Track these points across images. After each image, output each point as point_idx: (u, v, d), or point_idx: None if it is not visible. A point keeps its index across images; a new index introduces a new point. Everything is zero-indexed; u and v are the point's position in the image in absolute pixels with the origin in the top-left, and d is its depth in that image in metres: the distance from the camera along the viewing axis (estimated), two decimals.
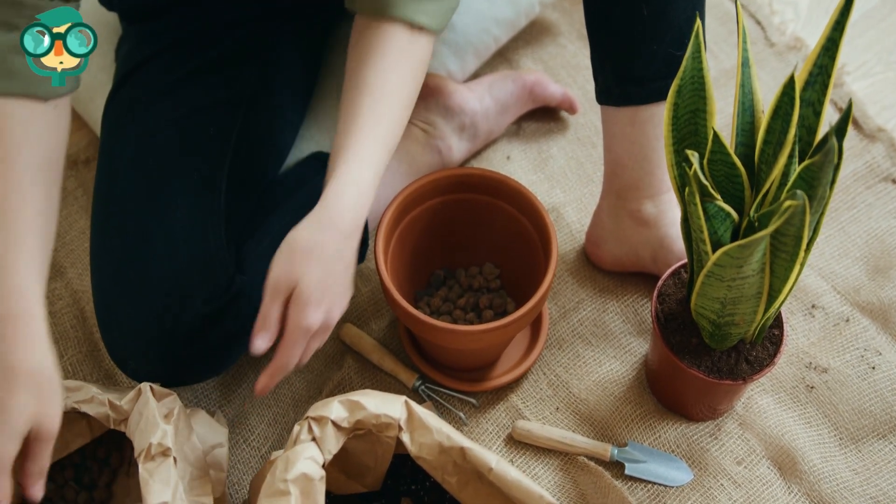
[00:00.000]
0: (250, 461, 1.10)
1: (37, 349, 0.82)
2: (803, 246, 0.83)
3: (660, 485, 1.06)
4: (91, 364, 1.17)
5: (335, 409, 0.85)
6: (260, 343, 0.86)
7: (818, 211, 0.85)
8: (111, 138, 1.07)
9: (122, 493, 1.08)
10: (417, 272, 1.15)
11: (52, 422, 0.83)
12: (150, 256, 0.98)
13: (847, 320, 1.16)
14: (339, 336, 1.17)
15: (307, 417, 0.85)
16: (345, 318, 1.18)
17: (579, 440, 1.08)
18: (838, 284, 1.20)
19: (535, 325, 1.15)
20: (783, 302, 0.92)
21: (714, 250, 0.87)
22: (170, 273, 0.97)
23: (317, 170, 1.15)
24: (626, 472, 1.06)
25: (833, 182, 0.84)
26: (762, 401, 1.10)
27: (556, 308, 1.19)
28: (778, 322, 1.01)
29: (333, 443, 0.86)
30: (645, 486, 1.06)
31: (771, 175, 0.85)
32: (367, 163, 0.90)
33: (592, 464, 1.06)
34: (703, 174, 0.86)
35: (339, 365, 1.15)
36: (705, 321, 0.96)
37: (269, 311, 0.86)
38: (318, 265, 0.86)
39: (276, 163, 1.14)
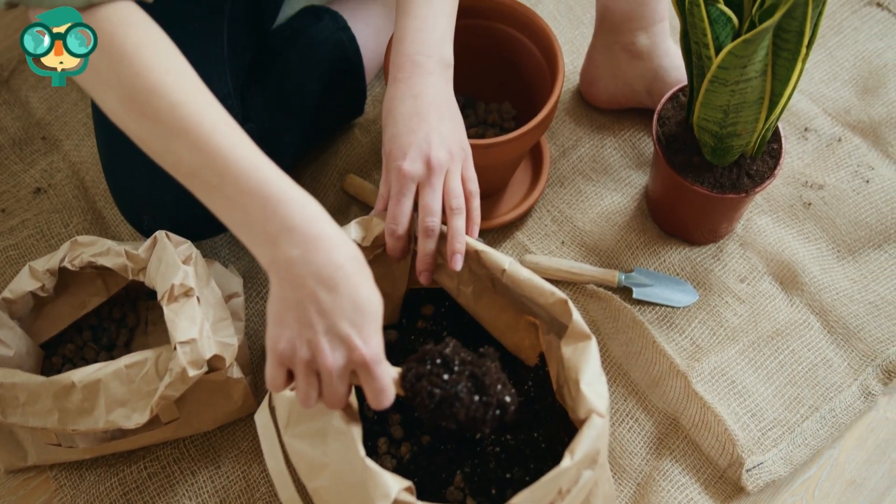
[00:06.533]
0: (264, 313, 1.11)
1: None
2: (805, 41, 0.85)
3: (667, 306, 1.09)
4: (97, 232, 1.17)
5: (353, 230, 0.87)
6: None
7: (818, 7, 0.86)
8: None
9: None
10: None
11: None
12: None
13: (839, 140, 1.19)
14: (343, 187, 1.17)
15: None
16: (347, 170, 1.19)
17: (587, 269, 1.10)
18: (829, 107, 1.22)
19: (537, 163, 1.17)
20: (783, 109, 0.93)
21: (717, 55, 0.88)
22: None
23: (311, 20, 1.14)
24: (634, 296, 1.09)
25: None
26: (761, 221, 1.13)
27: (556, 147, 1.20)
28: (776, 136, 1.03)
29: None
30: (653, 309, 1.09)
31: None
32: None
33: (602, 290, 1.09)
34: None
35: (344, 215, 1.16)
36: (707, 135, 0.98)
37: None
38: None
39: (272, 11, 1.12)
